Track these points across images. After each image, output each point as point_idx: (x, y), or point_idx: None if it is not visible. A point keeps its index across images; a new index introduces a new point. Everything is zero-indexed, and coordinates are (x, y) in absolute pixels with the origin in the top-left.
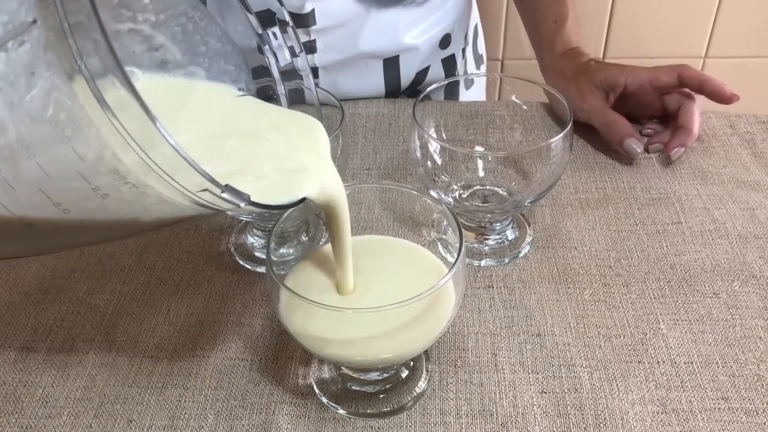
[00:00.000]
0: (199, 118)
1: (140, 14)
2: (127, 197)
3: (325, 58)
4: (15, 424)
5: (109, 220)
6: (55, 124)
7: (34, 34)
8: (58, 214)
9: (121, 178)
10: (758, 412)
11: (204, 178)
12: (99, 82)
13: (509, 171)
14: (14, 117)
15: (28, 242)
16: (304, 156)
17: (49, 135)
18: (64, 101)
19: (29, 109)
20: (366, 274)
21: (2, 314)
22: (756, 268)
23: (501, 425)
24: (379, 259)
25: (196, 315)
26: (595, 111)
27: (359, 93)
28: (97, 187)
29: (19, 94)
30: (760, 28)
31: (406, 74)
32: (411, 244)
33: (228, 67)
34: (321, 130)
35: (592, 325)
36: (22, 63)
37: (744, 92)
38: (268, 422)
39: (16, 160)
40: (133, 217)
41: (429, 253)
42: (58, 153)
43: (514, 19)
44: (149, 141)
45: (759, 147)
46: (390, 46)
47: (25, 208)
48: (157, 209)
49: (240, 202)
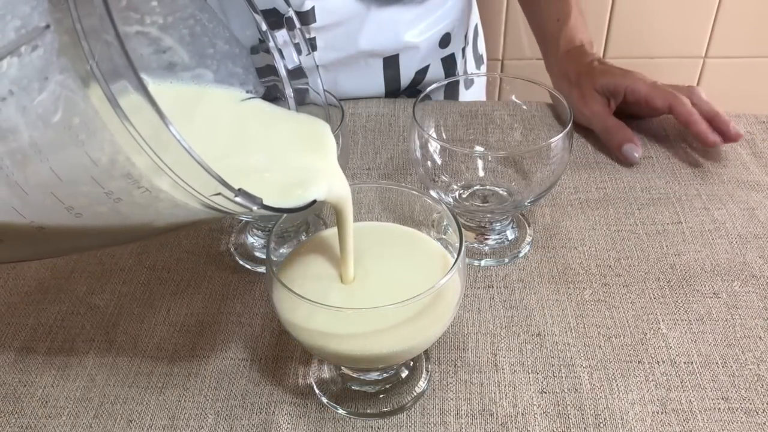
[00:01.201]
0: (208, 123)
1: (148, 17)
2: (139, 201)
3: (325, 56)
4: (15, 424)
5: (121, 224)
6: (69, 128)
7: (48, 38)
8: (70, 219)
9: (134, 183)
10: (758, 412)
11: (218, 181)
12: (113, 86)
13: (509, 171)
14: (27, 121)
15: (40, 246)
16: (313, 158)
17: (62, 139)
18: (77, 106)
19: (42, 114)
20: (370, 264)
21: (2, 314)
22: (756, 268)
23: (501, 425)
24: (384, 247)
25: (196, 315)
26: (596, 116)
27: (359, 92)
28: (110, 191)
29: (32, 98)
30: (760, 28)
31: (406, 73)
32: (418, 233)
33: (236, 70)
34: (328, 132)
35: (592, 325)
36: (35, 68)
37: (744, 92)
38: (268, 422)
39: (28, 164)
40: (146, 222)
41: (434, 242)
42: (71, 157)
43: (514, 19)
44: (163, 145)
45: (759, 147)
46: (390, 44)
47: (37, 212)
48: (169, 213)
49: (253, 206)
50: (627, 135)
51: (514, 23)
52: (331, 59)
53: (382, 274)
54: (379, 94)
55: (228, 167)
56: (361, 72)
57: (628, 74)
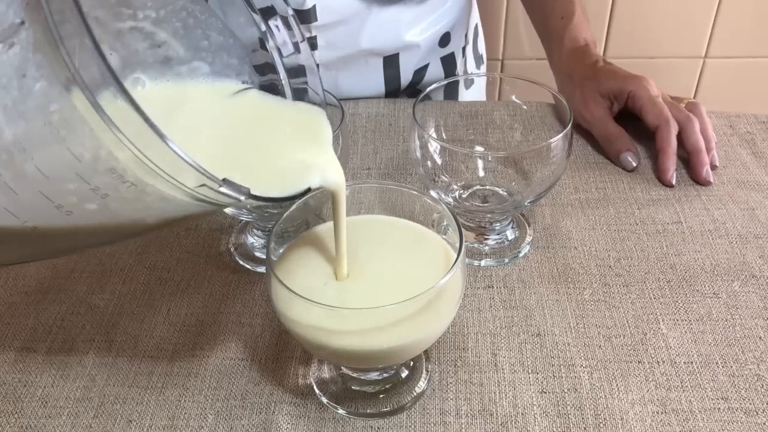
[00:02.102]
0: (199, 118)
1: (140, 11)
2: (127, 196)
3: (325, 55)
4: (15, 424)
5: (113, 220)
6: (49, 125)
7: (23, 35)
8: (60, 217)
9: (119, 177)
10: (758, 412)
11: (201, 173)
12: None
13: (509, 171)
14: (8, 119)
15: (36, 246)
16: (306, 147)
17: (43, 136)
18: (55, 102)
19: (23, 112)
20: (372, 258)
21: (2, 314)
22: (756, 268)
23: (501, 425)
24: (388, 241)
25: (196, 315)
26: (597, 121)
27: (359, 92)
28: (97, 187)
29: (12, 96)
30: (760, 28)
31: (406, 72)
32: (422, 228)
33: (231, 61)
34: (323, 119)
35: (592, 325)
36: (12, 66)
37: (744, 92)
38: (268, 422)
39: (14, 163)
40: (137, 217)
41: (439, 238)
42: (54, 154)
43: (514, 19)
44: (145, 141)
45: (759, 147)
46: (391, 43)
47: (28, 212)
48: (159, 207)
49: (239, 196)
50: (625, 143)
51: (514, 23)
52: (331, 58)
53: (384, 269)
54: (379, 93)
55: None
56: (362, 71)
57: (634, 79)
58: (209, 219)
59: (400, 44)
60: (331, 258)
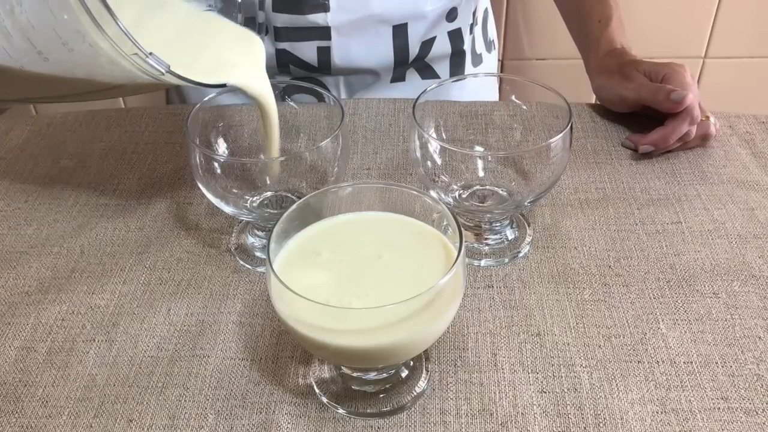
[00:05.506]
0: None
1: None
2: (86, 53)
3: (336, 17)
4: (15, 424)
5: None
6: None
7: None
8: (40, 62)
9: (81, 37)
10: (758, 411)
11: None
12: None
13: (509, 171)
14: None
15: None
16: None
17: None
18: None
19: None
20: (372, 258)
21: (2, 314)
22: (756, 268)
23: (501, 425)
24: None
25: (196, 315)
26: (640, 85)
27: (369, 61)
28: (66, 41)
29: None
30: (760, 28)
31: (413, 43)
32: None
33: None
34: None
35: (592, 325)
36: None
37: (744, 92)
38: (268, 422)
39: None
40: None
41: (440, 236)
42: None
43: (514, 19)
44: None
45: (758, 147)
46: (400, 10)
47: (19, 54)
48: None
49: (161, 68)
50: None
51: (514, 23)
52: (342, 21)
53: (384, 269)
54: (389, 63)
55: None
56: (372, 41)
57: (672, 64)
58: (209, 219)
59: (409, 12)
60: (331, 257)
